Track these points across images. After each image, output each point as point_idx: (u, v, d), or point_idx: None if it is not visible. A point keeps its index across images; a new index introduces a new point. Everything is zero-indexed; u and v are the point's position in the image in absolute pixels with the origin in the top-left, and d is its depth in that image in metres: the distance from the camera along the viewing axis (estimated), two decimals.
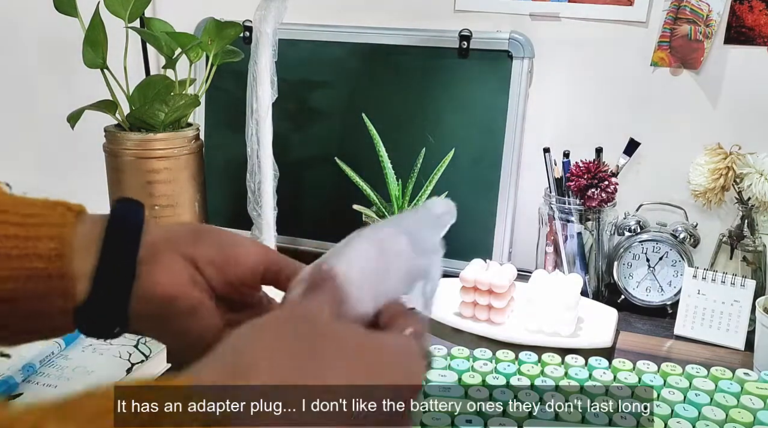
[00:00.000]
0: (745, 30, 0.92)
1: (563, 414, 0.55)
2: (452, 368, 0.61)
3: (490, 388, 0.58)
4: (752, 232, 0.88)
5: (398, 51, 1.03)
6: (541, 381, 0.59)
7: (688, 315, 0.84)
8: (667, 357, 0.78)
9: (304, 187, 1.08)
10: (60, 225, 0.37)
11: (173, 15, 1.03)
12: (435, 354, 0.63)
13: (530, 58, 0.99)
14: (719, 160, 0.89)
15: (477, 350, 0.66)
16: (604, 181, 0.89)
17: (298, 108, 1.08)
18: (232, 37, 0.90)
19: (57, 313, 0.37)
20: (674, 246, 0.89)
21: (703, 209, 0.94)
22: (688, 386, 0.60)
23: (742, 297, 0.82)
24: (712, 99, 0.96)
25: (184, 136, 0.87)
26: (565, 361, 0.64)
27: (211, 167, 0.98)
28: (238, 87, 0.89)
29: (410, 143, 0.99)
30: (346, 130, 1.07)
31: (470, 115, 1.01)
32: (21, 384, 0.63)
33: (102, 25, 0.82)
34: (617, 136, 0.95)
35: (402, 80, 1.04)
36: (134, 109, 0.85)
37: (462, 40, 1.00)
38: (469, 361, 0.63)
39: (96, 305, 0.37)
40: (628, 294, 0.91)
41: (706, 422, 0.55)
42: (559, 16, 0.99)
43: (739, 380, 0.62)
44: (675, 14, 0.93)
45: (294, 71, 1.05)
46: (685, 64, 0.95)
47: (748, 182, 0.85)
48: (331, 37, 1.06)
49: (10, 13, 1.27)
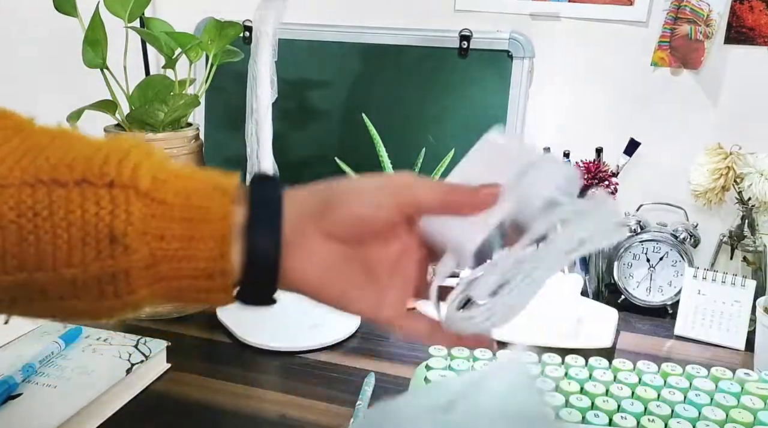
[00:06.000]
0: (746, 30, 0.92)
1: (563, 415, 0.55)
2: (452, 368, 0.61)
3: None
4: (752, 232, 0.87)
5: (398, 51, 1.03)
6: (541, 382, 0.59)
7: (688, 316, 0.84)
8: (667, 357, 0.78)
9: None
10: (221, 219, 0.37)
11: (173, 15, 1.03)
12: (434, 355, 0.63)
13: (530, 58, 0.99)
14: (719, 159, 0.89)
15: (477, 350, 0.66)
16: (605, 181, 0.89)
17: (298, 108, 1.08)
18: (231, 36, 0.90)
19: (216, 300, 0.39)
20: (674, 246, 0.89)
21: (704, 209, 0.94)
22: (688, 386, 0.60)
23: (742, 298, 0.82)
24: (712, 99, 0.96)
25: (184, 135, 0.87)
26: (565, 361, 0.64)
27: (211, 166, 0.98)
28: (237, 87, 0.89)
29: (410, 143, 0.99)
30: (346, 130, 1.07)
31: (470, 115, 1.01)
32: (21, 385, 0.63)
33: (102, 25, 0.82)
34: (617, 135, 0.95)
35: (402, 80, 1.04)
36: (134, 109, 0.84)
37: (462, 40, 0.99)
38: (469, 362, 0.63)
39: (249, 291, 0.39)
40: (629, 295, 0.91)
41: (707, 422, 0.55)
42: (560, 15, 0.99)
43: (740, 380, 0.61)
44: (675, 14, 0.93)
45: (294, 71, 1.04)
46: (685, 64, 0.95)
47: (748, 182, 0.85)
48: (331, 37, 1.06)
49: (9, 13, 1.27)
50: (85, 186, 0.36)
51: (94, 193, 0.36)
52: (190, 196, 0.38)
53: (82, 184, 0.36)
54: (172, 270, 0.37)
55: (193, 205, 0.37)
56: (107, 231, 0.35)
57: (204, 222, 0.37)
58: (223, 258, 0.37)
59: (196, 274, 0.37)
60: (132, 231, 0.36)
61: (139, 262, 0.36)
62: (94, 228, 0.35)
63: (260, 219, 0.38)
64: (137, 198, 0.36)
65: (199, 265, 0.37)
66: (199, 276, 0.37)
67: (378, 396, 0.67)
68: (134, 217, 0.36)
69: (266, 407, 0.65)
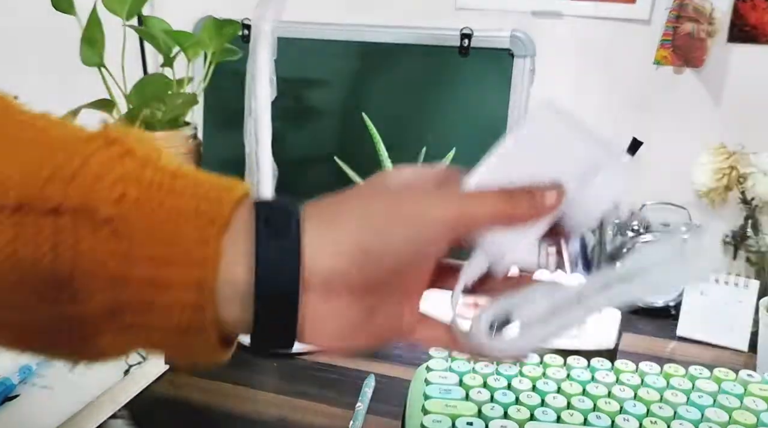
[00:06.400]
0: (748, 28, 0.92)
1: (565, 416, 0.55)
2: (453, 370, 0.60)
3: (491, 390, 0.58)
4: (756, 232, 0.87)
5: (399, 49, 1.03)
6: (543, 383, 0.59)
7: (691, 317, 0.83)
8: (670, 358, 0.78)
9: (303, 187, 1.06)
10: (200, 264, 0.28)
11: (171, 13, 1.03)
12: (435, 356, 0.62)
13: (532, 56, 0.98)
14: (723, 159, 0.88)
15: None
16: None
17: (297, 107, 1.08)
18: (230, 35, 0.90)
19: (207, 359, 0.31)
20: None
21: (707, 209, 0.93)
22: (691, 387, 0.60)
23: (745, 298, 0.81)
24: (715, 98, 0.95)
25: (182, 134, 0.87)
26: (567, 363, 0.63)
27: (209, 166, 0.97)
28: (236, 86, 0.89)
29: (410, 143, 0.99)
30: (345, 129, 1.07)
31: (471, 114, 1.01)
32: (18, 386, 0.62)
33: (99, 23, 0.81)
34: (620, 135, 0.94)
35: (402, 79, 1.03)
36: (132, 108, 0.84)
37: (463, 38, 0.99)
38: (470, 363, 0.62)
39: (259, 345, 0.32)
40: None
41: (709, 424, 0.55)
42: (561, 14, 0.98)
43: (743, 381, 0.61)
44: (678, 12, 0.92)
45: (293, 70, 1.04)
46: (688, 63, 0.94)
47: (751, 182, 0.84)
48: (330, 35, 1.05)
49: (6, 11, 1.26)
50: (23, 213, 0.27)
51: (33, 222, 0.27)
52: (163, 223, 0.28)
53: (21, 211, 0.27)
54: (138, 321, 0.29)
55: (164, 238, 0.28)
56: (48, 274, 0.27)
57: (174, 265, 0.28)
58: (202, 309, 0.29)
59: (167, 329, 0.29)
60: (81, 274, 0.27)
61: (95, 311, 0.28)
62: (32, 270, 0.27)
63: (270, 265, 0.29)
64: (91, 228, 0.28)
65: (172, 318, 0.29)
66: (171, 331, 0.29)
67: (378, 397, 0.66)
68: (84, 257, 0.27)
69: (265, 409, 0.65)
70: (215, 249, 0.28)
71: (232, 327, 0.31)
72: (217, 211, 0.29)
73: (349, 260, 0.30)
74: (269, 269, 0.29)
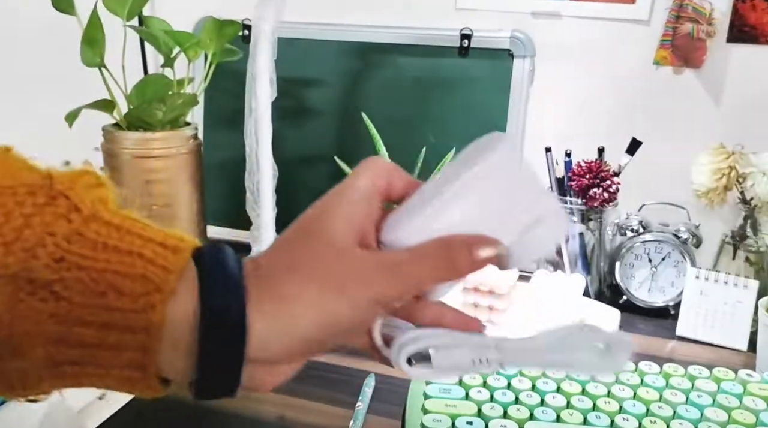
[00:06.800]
0: (748, 29, 0.92)
1: (565, 416, 0.55)
2: None
3: (491, 390, 0.58)
4: (755, 233, 0.87)
5: (399, 49, 1.03)
6: (543, 383, 0.59)
7: (690, 316, 0.83)
8: (669, 358, 0.78)
9: (304, 187, 1.07)
10: (144, 330, 0.28)
11: (172, 13, 1.03)
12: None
13: (531, 56, 0.98)
14: (722, 159, 0.88)
15: None
16: (606, 180, 0.88)
17: (298, 107, 1.08)
18: (230, 35, 0.90)
19: (145, 395, 0.31)
20: (676, 246, 0.89)
21: (706, 209, 0.93)
22: (690, 387, 0.60)
23: (744, 298, 0.81)
24: (714, 98, 0.95)
25: (183, 135, 0.87)
26: None
27: (210, 167, 0.98)
28: (236, 86, 0.89)
29: (410, 143, 0.99)
30: (345, 129, 1.07)
31: (471, 115, 1.01)
32: None
33: (100, 24, 0.81)
34: (619, 135, 0.94)
35: (402, 79, 1.03)
36: (132, 108, 0.84)
37: (463, 39, 0.99)
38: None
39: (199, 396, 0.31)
40: (630, 295, 0.91)
41: (709, 423, 0.55)
42: (561, 14, 0.98)
43: (742, 381, 0.61)
44: (677, 13, 0.92)
45: (293, 70, 1.04)
46: (687, 63, 0.94)
47: (751, 182, 0.84)
48: (330, 36, 1.05)
49: (6, 11, 1.26)
50: None
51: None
52: (105, 293, 0.28)
53: None
54: (79, 372, 0.29)
55: (106, 303, 0.28)
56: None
57: (116, 330, 0.28)
58: (144, 367, 0.29)
59: (109, 379, 0.30)
60: (20, 334, 0.27)
61: (36, 362, 0.28)
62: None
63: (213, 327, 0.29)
64: (30, 291, 0.27)
65: (113, 373, 0.29)
66: (113, 380, 0.30)
67: (378, 397, 0.66)
68: (22, 319, 0.27)
69: (265, 408, 0.65)
70: (160, 317, 0.28)
71: (173, 378, 0.31)
72: (163, 278, 0.29)
73: (293, 348, 0.31)
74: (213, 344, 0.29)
